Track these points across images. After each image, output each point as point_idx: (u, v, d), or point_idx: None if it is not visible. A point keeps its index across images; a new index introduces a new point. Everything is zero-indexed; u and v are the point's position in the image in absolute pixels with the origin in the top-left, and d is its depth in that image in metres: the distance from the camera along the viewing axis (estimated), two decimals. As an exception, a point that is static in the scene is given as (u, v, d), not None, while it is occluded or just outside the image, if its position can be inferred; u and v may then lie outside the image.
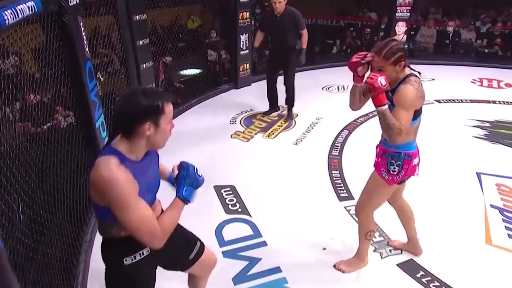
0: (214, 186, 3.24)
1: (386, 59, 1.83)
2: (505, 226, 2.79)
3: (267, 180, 3.37)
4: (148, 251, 1.39)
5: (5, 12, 1.49)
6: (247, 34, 5.56)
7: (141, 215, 1.22)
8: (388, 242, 2.62)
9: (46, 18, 2.18)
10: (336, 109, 5.14)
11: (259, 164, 3.66)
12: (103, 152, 1.27)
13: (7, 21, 1.49)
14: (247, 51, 5.70)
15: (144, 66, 3.77)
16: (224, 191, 3.20)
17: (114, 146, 1.27)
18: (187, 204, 1.40)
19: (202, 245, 1.69)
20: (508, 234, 2.70)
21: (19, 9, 1.64)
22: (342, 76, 6.67)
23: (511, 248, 2.57)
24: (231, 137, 4.25)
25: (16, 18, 1.59)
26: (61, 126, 3.14)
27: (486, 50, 7.63)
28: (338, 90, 6.06)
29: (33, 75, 2.44)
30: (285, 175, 3.47)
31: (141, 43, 3.64)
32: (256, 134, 4.35)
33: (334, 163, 3.73)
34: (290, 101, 4.59)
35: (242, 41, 5.55)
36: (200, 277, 1.82)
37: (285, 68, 4.40)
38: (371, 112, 4.96)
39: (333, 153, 3.93)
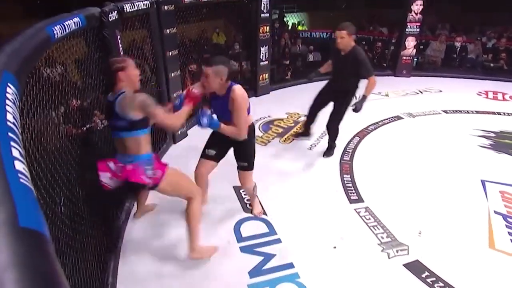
0: (233, 187, 3.25)
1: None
2: (508, 232, 2.69)
3: (283, 182, 3.36)
4: None
5: (55, 27, 1.54)
6: (267, 46, 5.58)
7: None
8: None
9: (89, 32, 2.25)
10: (348, 117, 5.06)
11: (275, 167, 3.65)
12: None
13: (56, 35, 1.55)
14: (266, 62, 5.72)
15: (173, 75, 3.82)
16: (243, 191, 3.20)
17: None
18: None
19: None
20: (511, 240, 2.60)
21: (67, 24, 1.70)
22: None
23: (514, 253, 2.47)
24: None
25: (64, 32, 1.65)
26: (98, 128, 3.22)
27: (492, 64, 7.41)
28: (356, 99, 5.96)
29: (75, 83, 2.52)
30: (299, 177, 3.45)
31: (170, 54, 3.69)
32: (273, 138, 4.35)
33: (346, 167, 3.69)
34: (329, 142, 3.86)
35: (262, 53, 5.56)
36: None
37: (334, 109, 3.63)
38: (381, 121, 4.90)
39: (344, 158, 3.89)
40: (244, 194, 3.17)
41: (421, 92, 6.34)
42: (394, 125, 4.84)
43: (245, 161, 2.55)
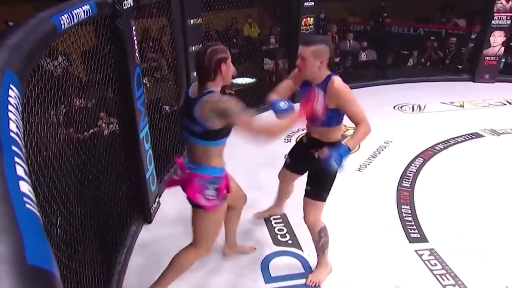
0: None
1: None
2: None
3: (324, 210, 3.31)
4: None
5: (62, 16, 1.65)
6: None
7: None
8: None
9: (99, 21, 2.38)
10: (410, 132, 4.98)
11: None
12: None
13: (63, 26, 1.65)
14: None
15: (195, 74, 3.93)
16: (274, 219, 3.21)
17: None
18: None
19: None
20: None
21: (76, 13, 1.81)
22: (419, 94, 6.52)
23: None
24: (285, 158, 4.25)
25: (72, 22, 1.75)
26: (104, 134, 3.36)
27: None
28: (413, 110, 5.87)
29: (80, 79, 2.65)
30: (346, 205, 3.40)
31: (194, 49, 3.81)
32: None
33: (405, 196, 3.60)
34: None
35: (304, 49, 5.61)
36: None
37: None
38: (453, 139, 4.75)
39: (403, 185, 3.79)
40: (276, 223, 3.17)
41: (509, 103, 6.07)
42: (470, 145, 4.67)
43: (315, 185, 2.41)
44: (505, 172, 4.01)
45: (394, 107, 5.93)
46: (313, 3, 5.44)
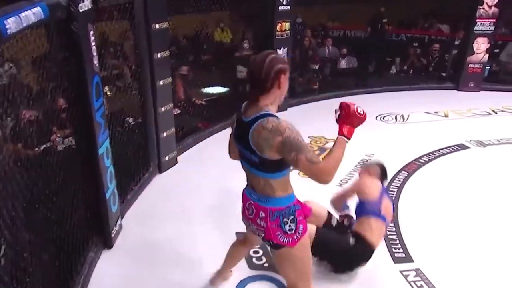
0: (236, 233, 3.19)
1: None
2: None
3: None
4: None
5: (8, 20, 1.61)
6: (286, 48, 5.70)
7: None
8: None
9: (53, 25, 2.34)
10: (393, 144, 5.08)
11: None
12: None
13: (9, 30, 1.61)
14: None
15: (162, 83, 3.91)
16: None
17: None
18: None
19: None
20: None
21: (24, 16, 1.77)
22: (402, 103, 6.66)
23: None
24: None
25: (20, 27, 1.71)
26: (58, 149, 3.27)
27: None
28: (396, 120, 6.00)
29: (30, 88, 2.59)
30: (325, 224, 3.40)
31: (159, 56, 3.79)
32: (291, 171, 4.34)
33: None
34: None
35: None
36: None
37: None
38: (438, 151, 4.87)
39: (387, 200, 3.84)
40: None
41: (495, 112, 6.29)
42: (455, 157, 4.79)
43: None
44: (492, 185, 4.12)
45: (376, 118, 6.03)
46: (288, 7, 5.51)
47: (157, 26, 3.67)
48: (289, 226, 1.90)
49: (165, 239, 3.23)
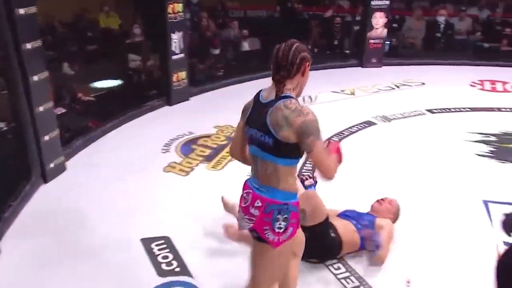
0: (141, 240, 3.17)
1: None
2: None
3: (214, 227, 3.31)
4: None
5: None
6: (181, 32, 5.62)
7: None
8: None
9: None
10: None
11: (203, 206, 3.61)
12: None
13: None
14: (182, 54, 5.73)
15: (37, 78, 3.64)
16: (156, 245, 3.12)
17: None
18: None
19: None
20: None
21: None
22: (309, 84, 6.76)
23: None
24: (164, 170, 4.21)
25: None
26: None
27: (487, 45, 8.18)
28: (304, 101, 6.17)
29: None
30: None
31: (29, 46, 3.53)
32: (197, 165, 4.33)
33: (303, 198, 3.77)
34: None
35: (175, 42, 5.57)
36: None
37: None
38: (347, 129, 5.14)
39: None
40: (159, 249, 3.08)
41: (398, 87, 6.80)
42: (364, 134, 5.10)
43: None
44: (400, 157, 4.45)
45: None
46: (179, -13, 5.44)
47: (21, 11, 3.41)
48: (279, 224, 1.94)
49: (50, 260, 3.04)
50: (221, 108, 5.71)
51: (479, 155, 4.55)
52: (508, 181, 4.03)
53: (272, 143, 1.88)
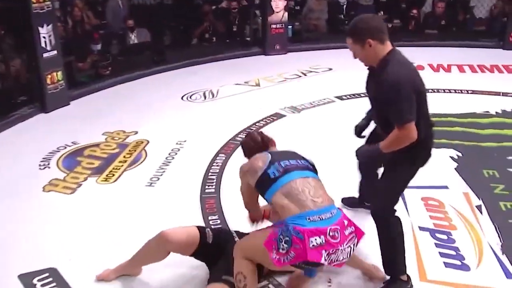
0: (19, 276, 2.99)
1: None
2: (440, 253, 3.16)
3: (109, 248, 3.23)
4: None
5: None
6: (51, 25, 5.42)
7: None
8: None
9: None
10: (205, 126, 5.29)
11: (94, 226, 3.52)
12: None
13: None
14: (55, 52, 5.54)
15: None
16: (39, 280, 2.97)
17: None
18: None
19: None
20: (444, 263, 3.06)
21: None
22: (209, 77, 6.94)
23: (449, 280, 2.91)
24: (44, 190, 4.04)
25: None
26: None
27: (390, 25, 8.73)
28: (205, 97, 6.25)
29: None
30: (138, 233, 3.34)
31: None
32: (85, 179, 4.20)
33: (210, 204, 3.79)
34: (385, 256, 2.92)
35: (44, 37, 5.38)
36: None
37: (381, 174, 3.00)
38: (254, 124, 5.26)
39: (207, 191, 3.99)
40: (43, 285, 2.94)
41: (305, 74, 7.06)
42: (273, 127, 5.21)
43: None
44: (312, 149, 4.60)
45: (182, 98, 6.20)
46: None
47: None
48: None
49: None
50: (109, 112, 5.61)
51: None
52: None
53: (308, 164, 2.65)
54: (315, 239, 2.23)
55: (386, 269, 2.81)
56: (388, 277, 2.81)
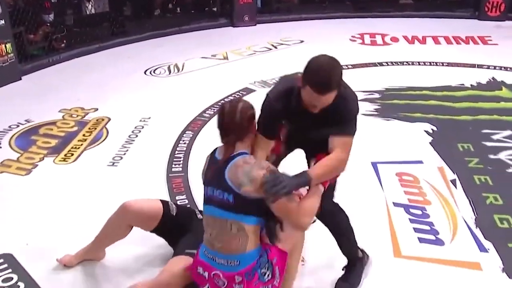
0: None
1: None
2: (414, 228, 3.25)
3: (69, 232, 3.22)
4: None
5: None
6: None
7: None
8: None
9: None
10: (171, 101, 5.28)
11: (52, 208, 3.50)
12: None
13: None
14: (2, 21, 5.43)
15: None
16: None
17: None
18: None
19: None
20: (418, 238, 3.15)
21: None
22: (174, 50, 6.89)
23: (424, 255, 3.00)
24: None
25: None
26: None
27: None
28: (170, 72, 6.22)
29: None
30: (100, 216, 3.32)
31: None
32: (42, 159, 4.17)
33: (178, 184, 3.81)
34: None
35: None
36: None
37: None
38: (223, 100, 5.25)
39: (174, 170, 4.01)
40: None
41: (275, 47, 7.07)
42: (243, 102, 5.24)
43: None
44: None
45: (145, 72, 6.17)
46: None
47: None
48: (267, 275, 2.25)
49: None
50: (66, 88, 5.57)
51: (364, 114, 4.92)
52: (394, 139, 4.46)
53: (232, 199, 2.17)
54: (201, 269, 2.34)
55: (346, 257, 2.84)
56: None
